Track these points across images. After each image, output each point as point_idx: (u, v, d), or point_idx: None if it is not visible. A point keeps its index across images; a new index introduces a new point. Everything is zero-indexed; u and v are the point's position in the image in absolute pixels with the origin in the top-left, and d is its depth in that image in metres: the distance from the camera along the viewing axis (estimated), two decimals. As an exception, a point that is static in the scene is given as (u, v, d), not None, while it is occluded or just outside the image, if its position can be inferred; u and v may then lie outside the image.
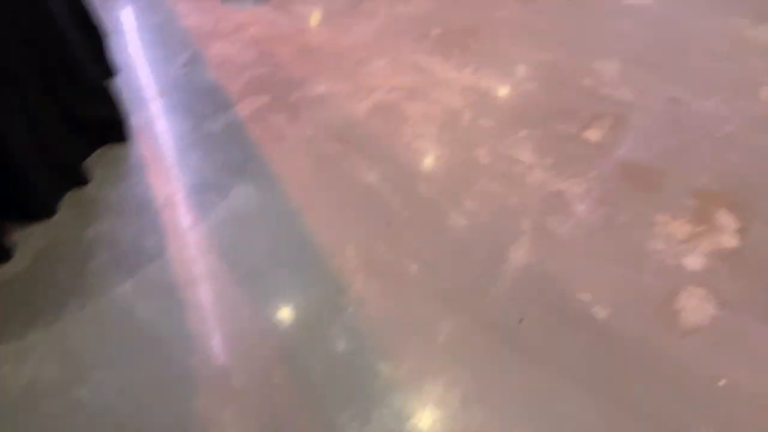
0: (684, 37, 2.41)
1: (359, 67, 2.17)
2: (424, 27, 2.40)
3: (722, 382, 1.32)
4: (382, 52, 2.25)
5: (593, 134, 1.95)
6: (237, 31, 2.32)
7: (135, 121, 1.91)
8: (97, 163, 1.76)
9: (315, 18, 2.16)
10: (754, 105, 2.10)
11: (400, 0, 2.54)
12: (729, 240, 1.64)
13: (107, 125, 1.78)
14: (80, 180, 1.68)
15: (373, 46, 2.27)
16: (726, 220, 1.69)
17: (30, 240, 1.55)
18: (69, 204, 1.65)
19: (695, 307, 1.47)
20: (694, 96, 2.12)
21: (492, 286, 1.48)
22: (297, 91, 2.05)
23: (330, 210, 1.67)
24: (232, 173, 1.75)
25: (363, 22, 2.40)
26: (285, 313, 1.41)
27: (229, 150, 1.83)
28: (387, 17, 2.44)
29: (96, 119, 1.74)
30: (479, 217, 1.67)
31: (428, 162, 1.83)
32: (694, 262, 1.58)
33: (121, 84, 2.05)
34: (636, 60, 2.28)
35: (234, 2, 2.46)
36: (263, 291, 1.45)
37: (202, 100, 2.00)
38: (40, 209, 1.59)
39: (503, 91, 2.11)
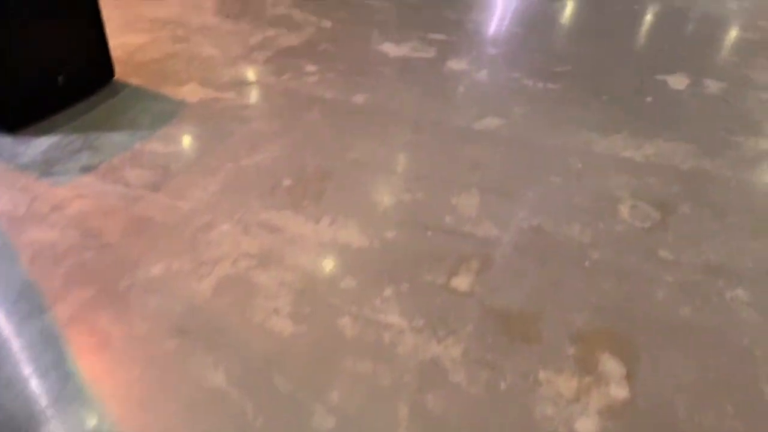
0: (537, 158, 2.45)
1: (201, 235, 1.98)
2: (273, 178, 2.27)
3: None
4: (226, 214, 2.08)
5: (462, 281, 1.85)
6: (57, 209, 2.07)
7: None
8: None
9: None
10: (615, 224, 2.11)
11: (246, 150, 2.42)
12: (619, 390, 1.54)
13: None
14: None
15: (217, 208, 2.10)
16: (611, 365, 1.61)
17: None
18: None
19: (598, 486, 1.33)
20: (556, 222, 2.10)
21: None
22: (127, 277, 1.81)
23: (168, 433, 1.41)
24: (43, 403, 1.45)
25: (204, 180, 2.23)
26: None
27: (40, 371, 1.54)
28: (231, 172, 2.29)
29: None
30: (349, 410, 1.47)
31: (286, 345, 1.63)
32: (587, 425, 1.46)
33: None
34: (494, 189, 2.26)
35: (54, 175, 2.22)
36: None
37: (8, 307, 1.70)
38: None
39: (363, 242, 1.99)
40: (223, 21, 3.57)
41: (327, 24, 3.58)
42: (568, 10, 3.93)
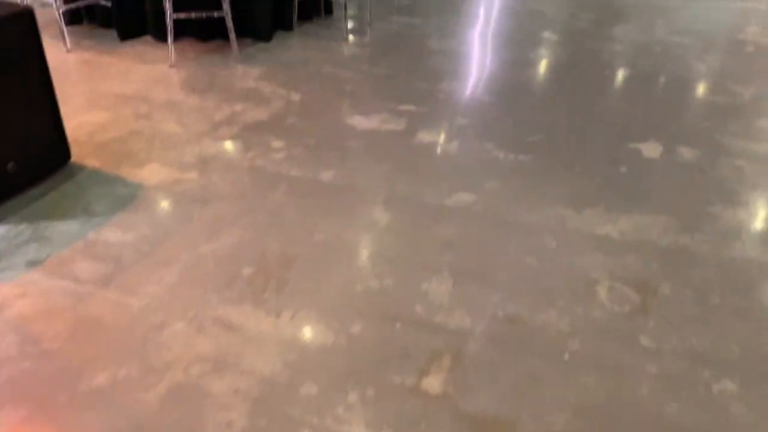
0: (511, 236, 2.37)
1: (152, 336, 1.85)
2: (233, 267, 2.16)
3: None
4: (180, 311, 1.96)
5: (433, 382, 1.73)
6: (-4, 311, 1.93)
7: None
8: None
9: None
10: (594, 309, 2.02)
11: (206, 236, 2.31)
12: None
13: None
14: None
15: (171, 304, 1.98)
16: (595, 477, 1.48)
17: None
18: None
19: None
20: (532, 309, 2.01)
21: None
22: (68, 390, 1.67)
23: None
24: None
25: (159, 272, 2.12)
26: None
27: None
28: (189, 261, 2.18)
29: None
30: None
31: (238, 466, 1.49)
32: None
33: None
34: (467, 272, 2.17)
35: (-3, 271, 2.09)
36: None
37: (-70, 430, 1.55)
38: None
39: (327, 339, 1.87)
40: (189, 96, 3.52)
41: (296, 97, 3.54)
42: (539, 78, 3.95)
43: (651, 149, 3.04)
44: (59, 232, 2.32)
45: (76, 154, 2.81)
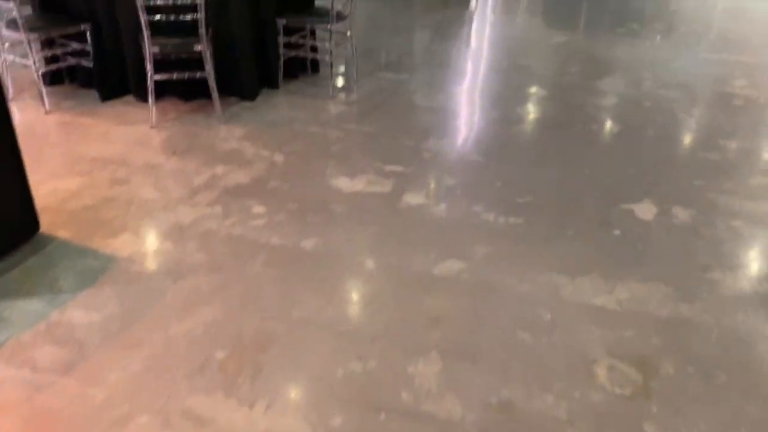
0: (503, 309, 2.25)
1: (113, 434, 1.69)
2: (205, 350, 2.02)
3: None
4: (147, 402, 1.81)
5: (420, 484, 1.58)
6: (-56, 406, 1.77)
7: None
8: None
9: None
10: (593, 392, 1.88)
11: (177, 315, 2.18)
12: None
13: None
14: None
15: (136, 394, 1.83)
16: None
17: None
18: None
19: None
20: (527, 393, 1.87)
21: None
22: (14, 502, 1.50)
23: None
24: None
25: (126, 357, 1.97)
26: None
27: None
28: (158, 344, 2.04)
29: None
30: None
31: None
32: None
33: None
34: (456, 351, 2.03)
35: (-51, 359, 1.94)
36: None
37: None
38: None
39: (304, 431, 1.72)
40: (168, 158, 3.42)
41: (279, 158, 3.46)
42: (527, 135, 3.89)
43: (644, 210, 2.96)
44: (21, 313, 2.17)
45: (47, 223, 2.69)
